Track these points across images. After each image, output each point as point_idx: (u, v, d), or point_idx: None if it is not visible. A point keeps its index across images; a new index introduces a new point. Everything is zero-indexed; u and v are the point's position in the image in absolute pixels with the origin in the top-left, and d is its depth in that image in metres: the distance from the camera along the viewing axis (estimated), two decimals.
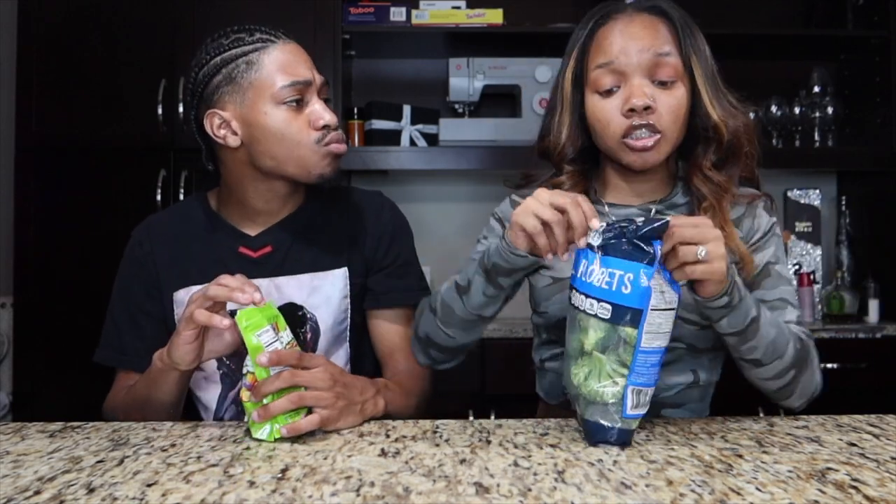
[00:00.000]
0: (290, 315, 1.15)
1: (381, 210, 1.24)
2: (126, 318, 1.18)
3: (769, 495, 0.66)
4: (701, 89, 1.04)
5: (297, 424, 0.88)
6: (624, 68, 1.01)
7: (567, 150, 1.10)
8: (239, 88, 1.09)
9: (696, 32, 1.06)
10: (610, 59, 1.02)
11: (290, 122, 1.09)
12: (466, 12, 2.53)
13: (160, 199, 2.32)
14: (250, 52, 1.09)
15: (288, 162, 1.11)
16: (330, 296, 1.18)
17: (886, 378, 2.27)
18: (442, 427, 0.93)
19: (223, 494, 0.68)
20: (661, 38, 1.02)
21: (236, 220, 1.19)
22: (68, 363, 2.28)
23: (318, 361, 0.94)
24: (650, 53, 1.01)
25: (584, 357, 0.85)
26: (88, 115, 2.37)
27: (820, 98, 2.62)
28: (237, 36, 1.11)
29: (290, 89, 1.08)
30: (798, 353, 0.97)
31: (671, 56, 1.02)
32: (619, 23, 1.04)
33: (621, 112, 1.01)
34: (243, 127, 1.10)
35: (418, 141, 2.57)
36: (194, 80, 1.12)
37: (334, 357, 1.19)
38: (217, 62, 1.10)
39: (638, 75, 1.01)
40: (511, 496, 0.66)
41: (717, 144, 1.05)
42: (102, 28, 2.39)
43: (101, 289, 2.50)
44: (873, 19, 2.55)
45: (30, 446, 0.87)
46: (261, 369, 0.90)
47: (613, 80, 1.02)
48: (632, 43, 1.01)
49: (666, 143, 1.03)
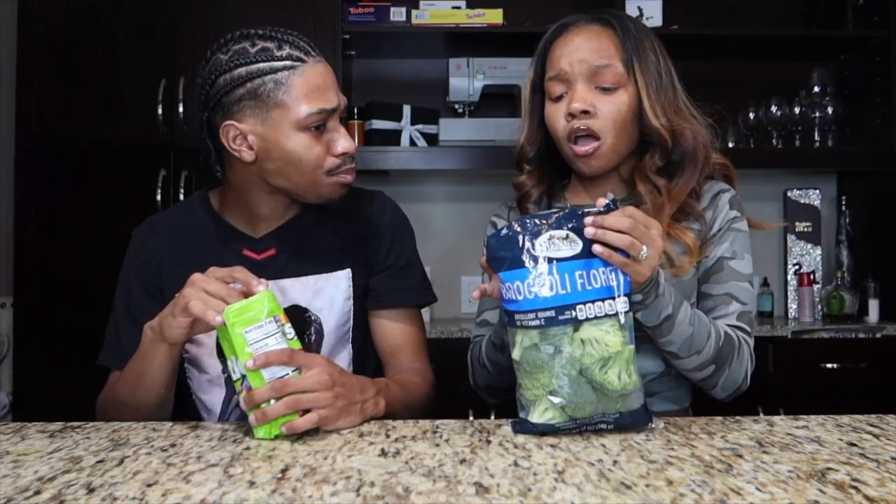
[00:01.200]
0: (295, 317, 1.15)
1: (382, 210, 1.24)
2: (127, 320, 1.18)
3: (769, 495, 0.66)
4: (644, 97, 1.10)
5: (294, 423, 0.88)
6: (568, 77, 1.10)
7: (526, 149, 1.20)
8: (263, 106, 1.06)
9: (643, 41, 1.12)
10: (557, 71, 1.12)
11: (310, 147, 1.08)
12: (466, 12, 2.53)
13: (160, 199, 2.32)
14: (280, 69, 1.05)
15: (297, 186, 1.11)
16: (334, 297, 1.18)
17: (886, 378, 2.27)
18: (442, 427, 0.93)
19: (223, 494, 0.68)
20: (603, 49, 1.10)
21: (239, 223, 1.19)
22: (68, 363, 2.28)
23: (315, 361, 0.93)
24: (589, 63, 1.09)
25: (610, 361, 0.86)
26: (88, 115, 2.37)
27: (820, 98, 2.62)
28: (264, 45, 1.06)
29: (316, 116, 1.07)
30: (719, 351, 1.02)
31: (611, 66, 1.09)
32: (568, 35, 1.13)
33: (564, 116, 1.11)
34: (260, 143, 1.08)
35: (418, 141, 2.57)
36: (211, 84, 1.08)
37: (338, 358, 1.19)
38: (242, 74, 1.05)
39: (580, 82, 1.10)
40: (511, 496, 0.66)
41: (662, 150, 1.11)
42: (102, 28, 2.39)
43: (100, 289, 2.49)
44: (873, 19, 2.55)
45: (30, 446, 0.87)
46: (253, 373, 0.89)
47: (562, 87, 1.12)
48: (575, 54, 1.10)
49: (606, 148, 1.10)
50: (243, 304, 0.91)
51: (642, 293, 0.93)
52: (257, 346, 0.90)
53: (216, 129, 1.09)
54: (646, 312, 0.96)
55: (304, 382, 0.90)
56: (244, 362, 0.89)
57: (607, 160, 1.11)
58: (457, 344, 2.29)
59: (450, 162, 2.50)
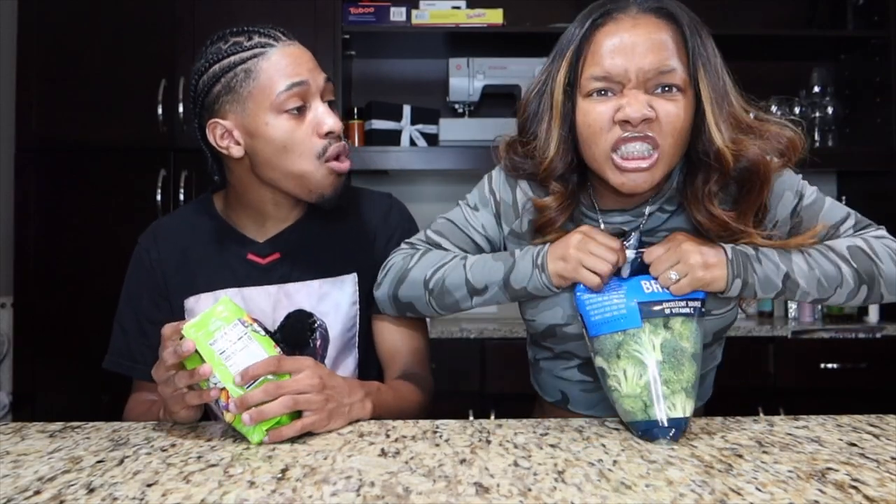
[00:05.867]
0: (301, 322, 1.14)
1: (388, 212, 1.22)
2: (134, 326, 1.16)
3: (769, 495, 0.66)
4: (706, 108, 0.92)
5: (279, 431, 0.86)
6: (621, 80, 0.91)
7: (556, 166, 0.99)
8: (239, 98, 1.06)
9: (706, 40, 0.95)
10: (605, 71, 0.92)
11: (293, 130, 1.06)
12: (466, 12, 2.54)
13: (160, 199, 2.32)
14: (248, 58, 1.05)
15: (288, 177, 1.08)
16: (339, 302, 1.16)
17: (886, 378, 2.27)
18: (442, 427, 0.93)
19: (223, 494, 0.68)
20: (666, 50, 0.91)
21: (244, 226, 1.17)
22: (68, 363, 2.28)
23: (303, 364, 0.91)
24: (653, 70, 0.90)
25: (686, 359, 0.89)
26: (88, 115, 2.37)
27: (820, 98, 2.63)
28: (235, 40, 1.07)
29: (288, 94, 1.05)
30: (860, 269, 0.96)
31: (676, 71, 0.91)
32: (620, 26, 0.92)
33: (613, 119, 0.91)
34: (245, 137, 1.07)
35: (418, 141, 2.57)
36: (195, 89, 1.09)
37: (343, 364, 1.17)
38: (216, 71, 1.06)
39: (637, 86, 0.91)
40: (511, 496, 0.66)
41: (720, 174, 0.93)
42: (102, 28, 2.39)
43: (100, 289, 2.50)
44: (873, 19, 2.55)
45: (30, 446, 0.87)
46: (235, 387, 0.87)
47: (606, 85, 0.92)
48: (633, 53, 0.90)
49: (664, 162, 0.92)
50: (199, 319, 0.88)
51: (730, 286, 0.93)
52: (228, 353, 0.87)
53: (205, 131, 1.10)
54: (759, 290, 0.94)
55: (296, 385, 0.89)
56: (223, 378, 0.86)
57: (658, 178, 0.93)
58: (456, 344, 2.29)
59: (450, 162, 2.50)
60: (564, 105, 0.97)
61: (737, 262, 0.93)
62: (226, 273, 1.14)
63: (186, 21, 2.37)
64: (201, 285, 1.14)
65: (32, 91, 2.37)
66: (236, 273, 1.14)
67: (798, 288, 0.96)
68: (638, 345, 0.88)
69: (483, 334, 2.31)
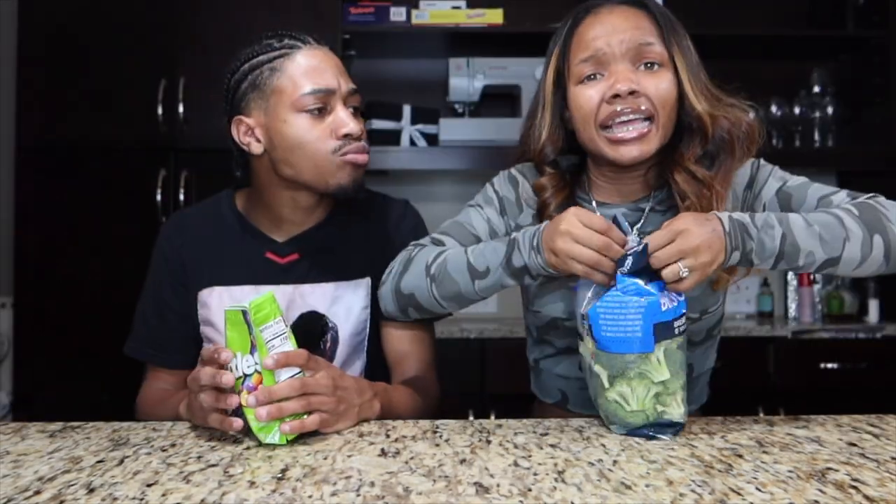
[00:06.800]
0: (313, 323, 1.15)
1: (402, 219, 1.24)
2: (154, 314, 1.19)
3: (769, 495, 0.66)
4: (684, 80, 1.01)
5: (299, 423, 0.87)
6: (606, 58, 1.00)
7: (547, 150, 1.09)
8: (263, 95, 1.09)
9: (677, 26, 1.04)
10: (592, 52, 1.01)
11: (310, 129, 1.08)
12: (466, 12, 2.54)
13: (160, 199, 2.32)
14: (276, 58, 1.09)
15: (305, 171, 1.10)
16: (351, 306, 1.17)
17: (886, 378, 2.27)
18: (442, 427, 0.93)
19: (223, 494, 0.68)
20: (643, 27, 1.01)
21: (263, 225, 1.18)
22: (68, 363, 2.28)
23: (321, 365, 0.93)
24: (633, 42, 1.00)
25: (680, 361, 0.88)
26: (89, 115, 2.37)
27: (820, 98, 2.63)
28: (267, 42, 1.11)
29: (311, 97, 1.07)
30: (863, 218, 0.93)
31: (654, 45, 1.00)
32: (599, 16, 1.03)
33: (604, 98, 0.99)
34: (265, 133, 1.10)
35: (418, 141, 2.57)
36: (227, 87, 1.13)
37: (351, 367, 1.18)
38: (245, 69, 1.10)
39: (622, 62, 1.00)
40: (511, 496, 0.66)
41: (702, 137, 1.02)
42: (102, 28, 2.39)
43: (100, 288, 2.49)
44: (873, 19, 2.55)
45: (30, 446, 0.87)
46: (268, 371, 0.88)
47: (594, 69, 1.01)
48: (614, 34, 1.00)
49: (657, 133, 1.00)
50: (259, 301, 0.89)
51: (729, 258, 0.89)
52: (270, 346, 0.88)
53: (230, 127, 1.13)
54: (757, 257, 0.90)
55: (315, 384, 0.89)
56: (263, 359, 0.87)
57: (654, 146, 1.00)
58: (456, 344, 2.29)
59: (450, 162, 2.50)
60: (554, 94, 1.08)
61: (734, 234, 0.89)
62: (242, 269, 1.15)
63: (186, 21, 2.37)
64: (217, 279, 1.16)
65: (33, 91, 2.36)
66: (253, 270, 1.15)
67: (799, 251, 0.91)
68: (647, 365, 0.86)
69: (483, 334, 2.31)
